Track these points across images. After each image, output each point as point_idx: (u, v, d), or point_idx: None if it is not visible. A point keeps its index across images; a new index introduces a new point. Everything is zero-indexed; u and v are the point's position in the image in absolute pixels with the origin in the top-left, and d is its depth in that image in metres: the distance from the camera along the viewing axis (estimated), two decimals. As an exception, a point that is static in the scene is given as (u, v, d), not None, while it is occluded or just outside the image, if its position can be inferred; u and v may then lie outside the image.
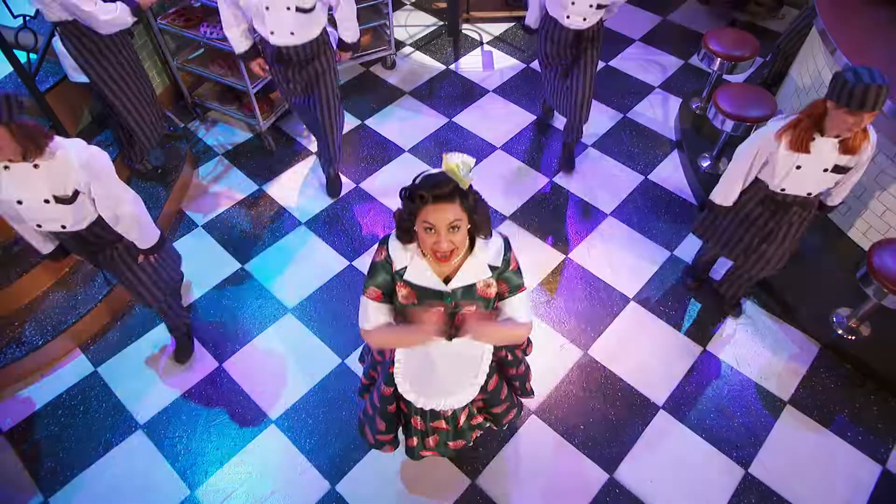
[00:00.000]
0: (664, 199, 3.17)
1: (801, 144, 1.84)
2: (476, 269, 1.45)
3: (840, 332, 2.55)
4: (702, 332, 2.65)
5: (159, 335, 2.61)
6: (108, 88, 2.52)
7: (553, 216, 3.09)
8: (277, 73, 2.65)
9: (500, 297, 1.52)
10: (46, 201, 1.72)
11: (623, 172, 3.29)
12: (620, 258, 2.91)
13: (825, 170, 1.91)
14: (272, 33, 2.42)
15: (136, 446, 2.30)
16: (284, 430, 2.33)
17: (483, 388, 1.76)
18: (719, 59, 3.12)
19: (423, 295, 1.46)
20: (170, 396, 2.43)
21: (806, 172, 1.93)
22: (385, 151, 3.42)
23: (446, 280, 1.44)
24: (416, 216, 1.32)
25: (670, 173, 3.30)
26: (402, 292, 1.46)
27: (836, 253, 2.82)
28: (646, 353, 2.58)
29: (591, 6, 2.56)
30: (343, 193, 3.17)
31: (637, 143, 3.45)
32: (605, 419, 2.37)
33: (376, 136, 3.50)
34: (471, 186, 1.31)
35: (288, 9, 2.33)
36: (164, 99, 3.40)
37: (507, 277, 1.49)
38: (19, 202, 1.71)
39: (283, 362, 2.54)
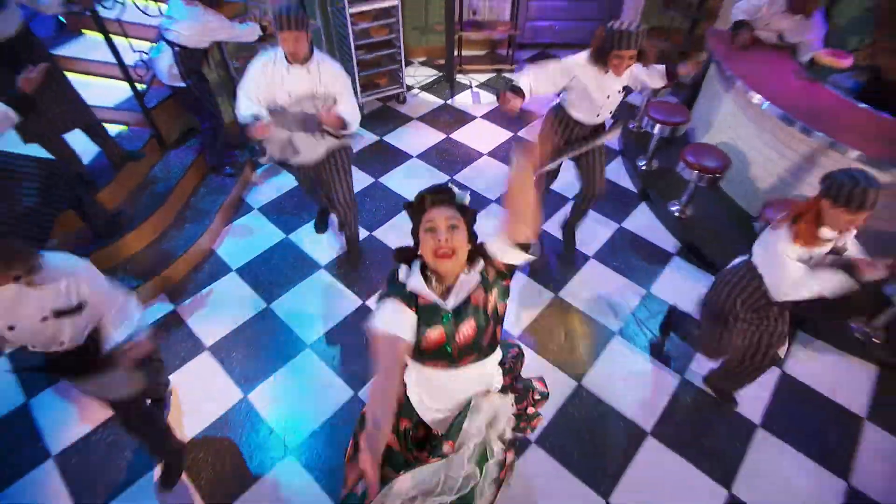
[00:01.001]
0: (612, 190, 3.91)
1: (812, 240, 1.81)
2: (469, 282, 1.46)
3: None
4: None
5: (227, 284, 3.26)
6: (200, 92, 3.36)
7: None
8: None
9: (502, 273, 1.50)
10: (44, 318, 1.62)
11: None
12: (586, 231, 3.52)
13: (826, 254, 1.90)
14: (288, 94, 2.56)
15: (203, 363, 2.84)
16: (318, 353, 2.88)
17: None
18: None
19: (423, 312, 1.43)
20: (231, 327, 3.00)
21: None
22: (398, 157, 4.25)
23: (444, 292, 1.46)
24: (419, 219, 1.43)
25: (617, 171, 4.13)
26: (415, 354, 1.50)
27: (744, 233, 3.54)
28: (632, 384, 2.74)
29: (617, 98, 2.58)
30: (364, 186, 3.93)
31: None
32: (601, 443, 2.50)
33: (392, 148, 4.34)
34: (468, 207, 1.46)
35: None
36: (235, 127, 4.25)
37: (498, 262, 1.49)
38: (10, 328, 1.60)
39: (318, 302, 3.15)
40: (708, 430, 2.57)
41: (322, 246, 3.52)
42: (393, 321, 1.39)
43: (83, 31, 3.97)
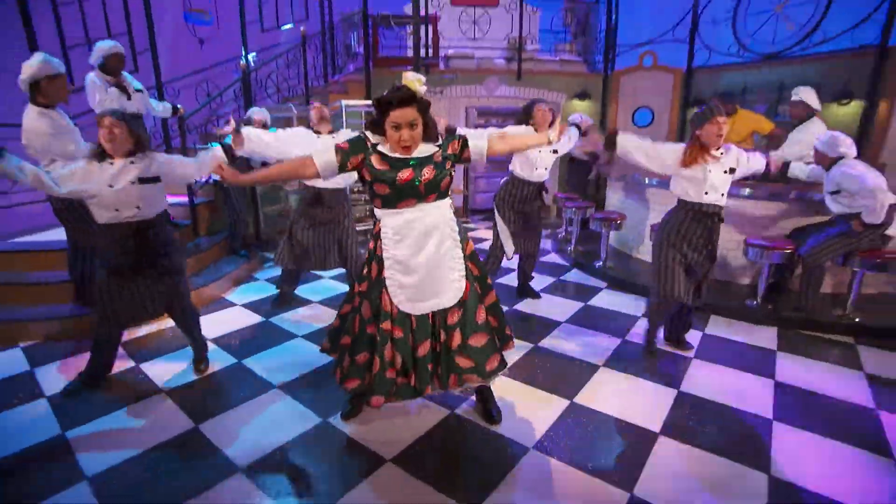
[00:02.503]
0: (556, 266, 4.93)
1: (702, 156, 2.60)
2: (426, 149, 1.93)
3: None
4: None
5: (233, 313, 3.76)
6: (234, 189, 4.49)
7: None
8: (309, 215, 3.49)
9: (464, 158, 2.02)
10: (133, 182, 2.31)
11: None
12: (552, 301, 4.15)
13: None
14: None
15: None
16: (309, 340, 3.23)
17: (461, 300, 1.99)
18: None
19: (394, 162, 1.87)
20: (234, 328, 3.40)
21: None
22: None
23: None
24: (385, 117, 1.78)
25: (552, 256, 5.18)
26: (376, 162, 1.87)
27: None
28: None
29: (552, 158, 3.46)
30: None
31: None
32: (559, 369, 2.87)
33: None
34: (423, 98, 1.82)
35: None
36: (252, 235, 5.32)
37: (456, 145, 1.99)
38: (110, 185, 2.26)
39: (313, 315, 3.63)
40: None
41: (318, 292, 4.18)
42: (322, 152, 1.92)
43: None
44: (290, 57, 5.93)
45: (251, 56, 4.82)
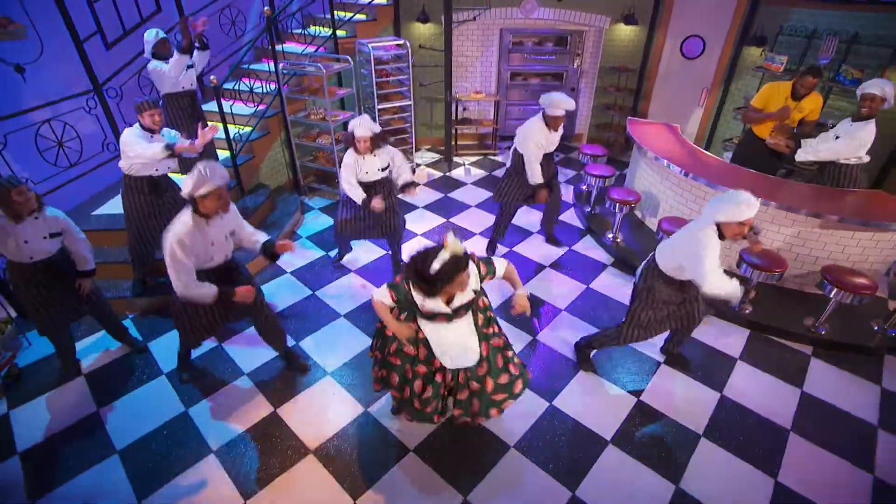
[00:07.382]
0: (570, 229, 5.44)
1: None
2: (466, 296, 2.22)
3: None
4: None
5: (282, 280, 4.62)
6: None
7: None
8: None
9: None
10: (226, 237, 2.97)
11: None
12: (558, 279, 5.01)
13: None
14: (366, 173, 4.02)
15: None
16: (350, 320, 4.12)
17: (480, 356, 2.50)
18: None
19: (435, 314, 2.26)
20: (281, 307, 4.35)
21: None
22: (412, 206, 5.86)
23: (448, 302, 2.23)
24: (439, 291, 1.98)
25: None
26: (422, 316, 2.31)
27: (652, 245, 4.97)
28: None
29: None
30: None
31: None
32: (548, 368, 4.14)
33: (406, 203, 5.95)
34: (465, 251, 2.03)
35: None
36: (287, 185, 5.97)
37: (485, 270, 2.32)
38: (212, 243, 2.86)
39: (347, 293, 4.48)
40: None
41: (358, 252, 4.96)
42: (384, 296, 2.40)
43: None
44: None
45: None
